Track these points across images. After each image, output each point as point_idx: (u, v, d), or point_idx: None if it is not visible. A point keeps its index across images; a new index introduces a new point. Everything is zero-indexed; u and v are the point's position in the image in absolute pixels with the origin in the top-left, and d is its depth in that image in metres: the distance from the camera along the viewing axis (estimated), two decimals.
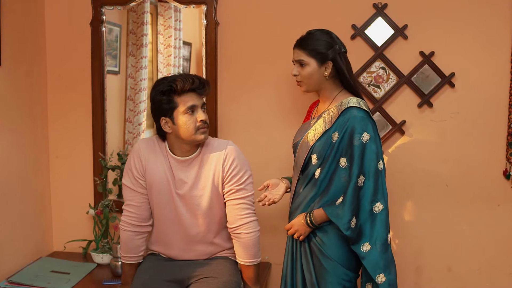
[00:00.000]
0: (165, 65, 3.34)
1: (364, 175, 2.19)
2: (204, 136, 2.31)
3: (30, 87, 2.94)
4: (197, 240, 2.42)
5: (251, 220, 2.39)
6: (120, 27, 3.24)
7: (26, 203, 2.92)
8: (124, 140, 3.26)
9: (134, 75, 3.24)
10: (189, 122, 2.28)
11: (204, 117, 2.30)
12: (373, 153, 2.20)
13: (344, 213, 2.19)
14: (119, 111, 3.28)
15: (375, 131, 2.24)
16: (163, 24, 3.26)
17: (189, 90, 2.28)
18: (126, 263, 2.47)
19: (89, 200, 3.07)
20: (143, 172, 2.38)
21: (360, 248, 2.21)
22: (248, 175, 2.41)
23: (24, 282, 2.60)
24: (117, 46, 3.25)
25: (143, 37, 3.22)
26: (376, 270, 2.21)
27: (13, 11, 2.76)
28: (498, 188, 2.76)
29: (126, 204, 2.43)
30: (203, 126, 2.29)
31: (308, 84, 2.34)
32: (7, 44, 2.72)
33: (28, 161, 2.94)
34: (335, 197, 2.26)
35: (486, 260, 2.81)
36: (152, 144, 2.41)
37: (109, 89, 3.14)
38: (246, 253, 2.39)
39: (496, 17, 2.67)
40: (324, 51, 2.28)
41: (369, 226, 2.21)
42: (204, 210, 2.38)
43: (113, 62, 3.25)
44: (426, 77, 2.75)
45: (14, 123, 2.82)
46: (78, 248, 3.08)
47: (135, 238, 2.43)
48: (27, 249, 2.92)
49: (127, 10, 3.15)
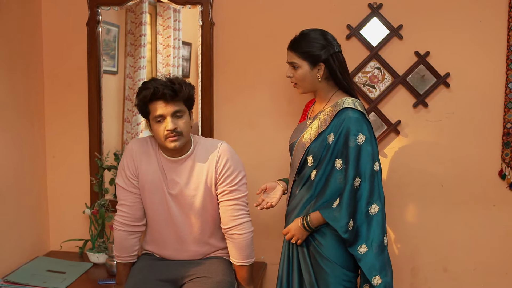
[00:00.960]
0: (164, 65, 3.35)
1: (360, 177, 2.18)
2: (174, 145, 2.28)
3: (27, 87, 2.95)
4: (190, 240, 2.43)
5: (245, 221, 2.40)
6: (118, 27, 3.25)
7: (23, 203, 2.94)
8: (123, 140, 3.27)
9: (132, 75, 3.25)
10: (158, 130, 2.28)
11: (171, 126, 2.24)
12: (369, 154, 2.19)
13: (341, 216, 2.17)
14: (117, 111, 3.29)
15: (370, 132, 2.22)
16: (162, 24, 3.27)
17: (157, 99, 2.25)
18: (120, 262, 2.47)
19: (85, 199, 3.08)
20: (136, 172, 2.39)
21: (357, 250, 2.20)
22: (242, 175, 2.41)
23: (20, 281, 2.61)
24: (115, 46, 3.26)
25: (142, 37, 3.23)
26: (372, 272, 2.20)
27: (10, 11, 2.77)
28: (493, 188, 2.75)
29: (119, 204, 2.44)
30: (170, 135, 2.26)
31: (303, 87, 2.33)
32: (3, 44, 2.73)
33: (25, 160, 2.95)
34: (331, 198, 2.25)
35: (482, 260, 2.81)
36: (145, 144, 2.42)
37: (107, 89, 3.15)
38: (239, 253, 2.40)
39: (491, 17, 2.66)
40: (316, 53, 2.25)
41: (365, 228, 2.20)
42: (197, 210, 2.38)
43: (111, 62, 3.26)
44: (421, 77, 2.75)
45: (11, 123, 2.83)
46: (74, 247, 3.09)
47: (128, 237, 2.43)
48: (24, 249, 2.93)
49: (125, 11, 3.16)
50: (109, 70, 3.25)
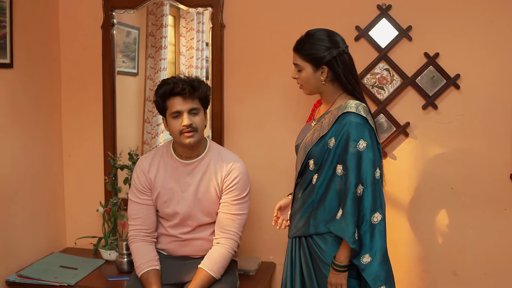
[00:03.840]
0: (187, 67, 3.41)
1: (363, 184, 2.11)
2: (189, 141, 2.36)
3: (44, 88, 3.04)
4: (195, 237, 2.49)
5: (232, 239, 2.44)
6: (139, 30, 3.31)
7: (40, 201, 3.03)
8: (143, 140, 3.34)
9: (153, 76, 3.32)
10: (174, 126, 2.36)
11: (187, 122, 2.33)
12: (370, 161, 2.11)
13: (348, 226, 2.10)
14: (137, 112, 3.36)
15: (372, 138, 2.14)
16: (185, 26, 3.33)
17: (176, 94, 2.34)
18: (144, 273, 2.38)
19: (100, 198, 3.15)
20: (147, 183, 2.47)
21: (360, 260, 2.13)
22: (246, 193, 2.47)
23: (32, 276, 2.69)
24: (135, 48, 3.33)
25: (162, 39, 3.29)
26: (377, 282, 2.13)
27: (29, 15, 2.87)
28: (504, 191, 2.70)
29: (132, 219, 2.50)
30: (186, 130, 2.34)
31: (308, 89, 2.30)
32: (23, 47, 2.83)
33: (42, 159, 3.04)
34: (331, 204, 2.20)
35: (493, 265, 2.76)
36: (153, 156, 2.52)
37: (127, 91, 3.22)
38: (211, 262, 2.38)
39: (501, 18, 2.62)
40: (319, 55, 2.19)
41: (368, 237, 2.12)
42: (207, 212, 2.46)
43: (131, 64, 3.33)
44: (431, 78, 2.72)
45: (29, 123, 2.93)
46: (89, 244, 3.17)
47: (146, 245, 2.47)
48: (40, 245, 3.02)
49: (146, 13, 3.22)
50: (129, 72, 3.32)
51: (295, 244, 2.35)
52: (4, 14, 2.66)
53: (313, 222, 2.25)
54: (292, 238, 2.36)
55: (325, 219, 2.21)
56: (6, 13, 2.66)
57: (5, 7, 2.66)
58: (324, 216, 2.22)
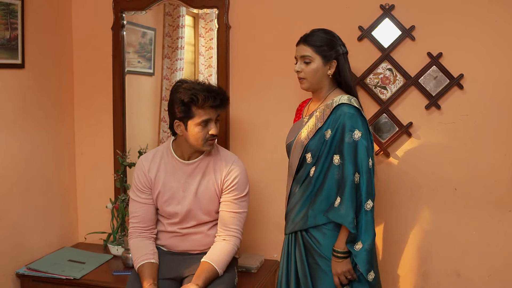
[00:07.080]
0: (206, 67, 3.45)
1: (359, 172, 2.22)
2: (210, 148, 2.44)
3: (57, 88, 3.14)
4: (193, 231, 2.53)
5: (236, 236, 2.47)
6: (155, 30, 3.38)
7: (53, 197, 3.13)
8: (159, 139, 3.41)
9: (169, 76, 3.38)
10: (200, 134, 2.38)
11: (215, 131, 2.38)
12: (365, 150, 2.22)
13: (347, 213, 2.20)
14: (153, 111, 3.43)
15: (365, 128, 2.25)
16: (204, 27, 3.36)
17: (209, 105, 2.35)
18: (141, 265, 2.42)
19: (110, 195, 3.23)
20: (147, 182, 2.51)
21: (354, 247, 2.23)
22: (245, 192, 2.51)
23: (41, 269, 2.79)
24: (151, 48, 3.40)
25: (179, 39, 3.34)
26: (368, 268, 2.24)
27: (42, 17, 2.97)
28: (509, 192, 2.67)
29: (132, 217, 2.56)
30: (211, 138, 2.40)
31: (310, 82, 2.35)
32: (36, 47, 2.93)
33: (55, 157, 3.14)
34: (329, 194, 2.28)
35: (497, 267, 2.72)
36: (154, 155, 2.55)
37: (143, 90, 3.29)
38: (216, 256, 2.41)
39: (505, 18, 2.59)
40: (329, 50, 2.30)
41: (363, 224, 2.22)
42: (207, 210, 2.50)
43: (147, 64, 3.40)
44: (434, 78, 2.70)
45: (43, 121, 3.03)
46: (99, 240, 3.25)
47: (144, 240, 2.52)
48: (52, 239, 3.12)
49: (163, 14, 3.29)
50: (145, 72, 3.40)
51: (291, 240, 2.41)
52: (16, 16, 2.76)
53: (311, 214, 2.32)
54: (289, 234, 2.42)
55: (323, 209, 2.30)
56: (17, 15, 2.76)
57: (17, 10, 2.76)
58: (322, 207, 2.31)
